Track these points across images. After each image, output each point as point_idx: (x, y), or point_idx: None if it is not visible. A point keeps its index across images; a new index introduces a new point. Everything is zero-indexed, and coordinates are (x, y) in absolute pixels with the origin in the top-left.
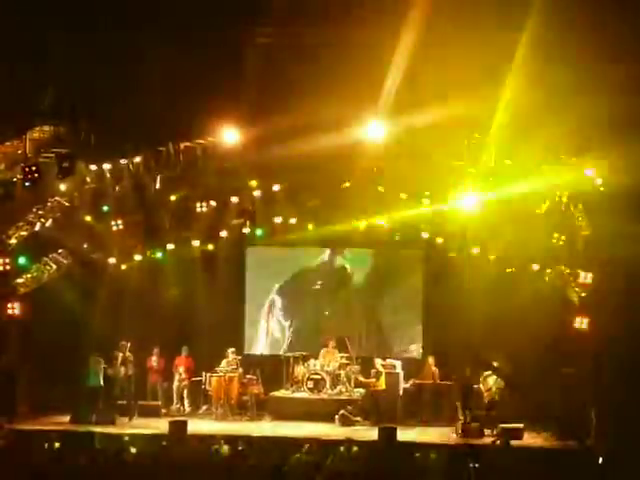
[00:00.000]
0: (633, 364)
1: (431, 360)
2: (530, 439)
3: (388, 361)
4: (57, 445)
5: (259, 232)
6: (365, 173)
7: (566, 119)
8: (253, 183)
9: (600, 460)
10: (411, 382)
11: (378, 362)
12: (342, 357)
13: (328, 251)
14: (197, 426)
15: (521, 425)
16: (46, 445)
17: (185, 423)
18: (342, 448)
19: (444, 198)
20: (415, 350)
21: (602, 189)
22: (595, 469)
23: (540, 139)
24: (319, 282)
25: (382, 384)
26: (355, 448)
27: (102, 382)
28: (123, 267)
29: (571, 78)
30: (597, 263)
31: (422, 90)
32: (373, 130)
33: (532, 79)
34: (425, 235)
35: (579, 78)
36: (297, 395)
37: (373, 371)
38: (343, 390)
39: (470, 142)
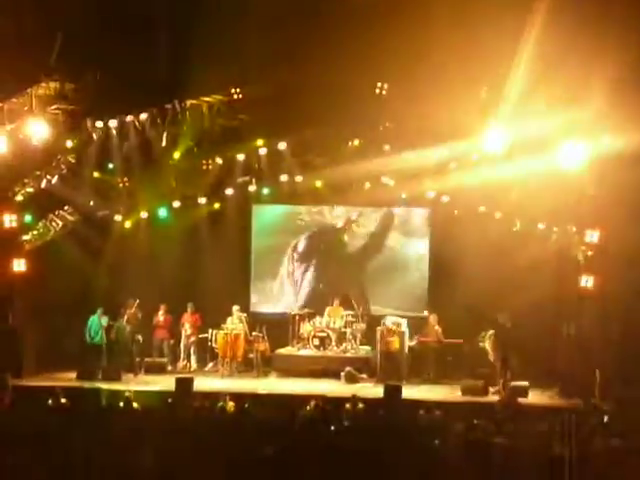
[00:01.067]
0: (638, 322)
1: (433, 319)
2: (535, 397)
3: (394, 319)
4: (63, 401)
5: (266, 190)
6: (372, 131)
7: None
8: (259, 141)
9: (605, 419)
10: (416, 340)
11: (389, 320)
12: (348, 315)
13: (334, 209)
14: (203, 383)
15: (526, 383)
16: (51, 401)
17: (191, 380)
18: (348, 405)
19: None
20: (421, 309)
21: (609, 148)
22: (600, 427)
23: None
24: (325, 240)
25: (397, 343)
26: (361, 405)
27: (108, 339)
28: (127, 225)
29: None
30: (603, 222)
31: (429, 45)
32: (379, 87)
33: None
34: (431, 194)
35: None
36: (303, 352)
37: (380, 329)
38: (349, 347)
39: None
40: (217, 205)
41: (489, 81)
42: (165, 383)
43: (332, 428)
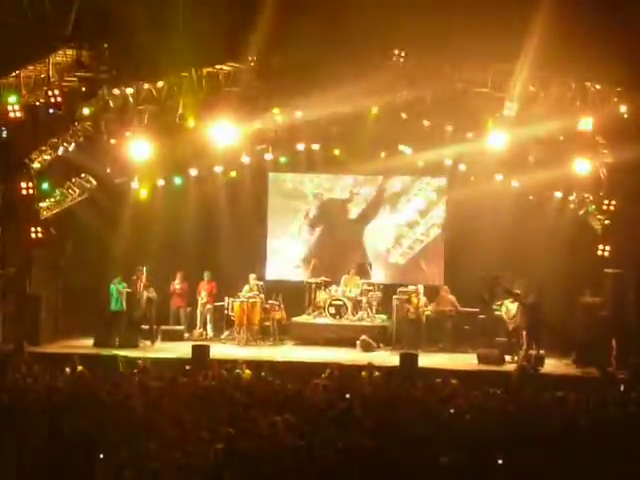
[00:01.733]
0: None
1: (446, 288)
2: (551, 366)
3: (412, 287)
4: (80, 368)
5: (283, 159)
6: (389, 101)
7: (590, 47)
8: (275, 109)
9: (622, 388)
10: (432, 307)
11: (407, 288)
12: (364, 283)
13: (352, 178)
14: (219, 350)
15: (542, 352)
16: (68, 369)
17: (208, 347)
18: (364, 373)
19: (470, 127)
20: (437, 277)
21: (626, 116)
22: (617, 396)
23: (566, 66)
24: (342, 209)
25: (413, 311)
26: (377, 373)
27: (125, 306)
28: (144, 193)
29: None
30: (620, 190)
31: (449, 18)
32: (395, 56)
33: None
34: (448, 162)
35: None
36: (319, 321)
37: (397, 297)
38: (364, 316)
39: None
40: (234, 173)
41: (505, 51)
42: (182, 351)
43: (347, 396)
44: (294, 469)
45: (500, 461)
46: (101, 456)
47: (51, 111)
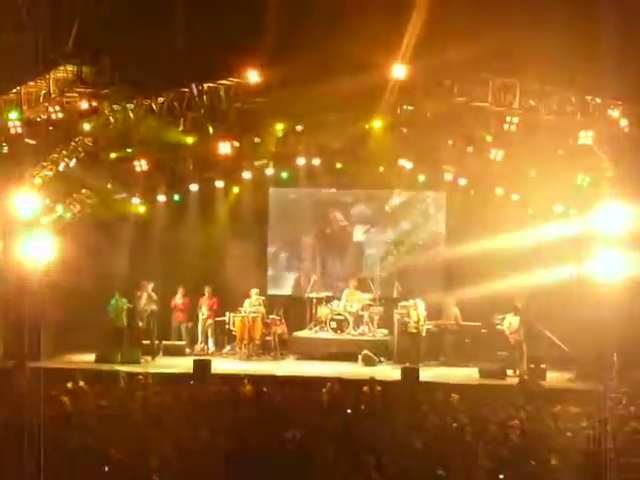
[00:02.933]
0: None
1: (452, 301)
2: (553, 380)
3: (412, 302)
4: (81, 384)
5: (284, 174)
6: (390, 114)
7: (591, 60)
8: (276, 124)
9: (623, 401)
10: (434, 323)
11: (407, 303)
12: (365, 298)
13: (352, 192)
14: (221, 365)
15: (543, 366)
16: (70, 384)
17: (209, 362)
18: (365, 388)
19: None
20: (438, 292)
21: (627, 130)
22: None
23: (565, 80)
24: (342, 223)
25: (414, 326)
26: (378, 387)
27: (126, 322)
28: (145, 208)
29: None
30: (622, 205)
31: (447, 30)
32: (397, 70)
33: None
34: (449, 177)
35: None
36: (320, 335)
37: (398, 312)
38: (366, 330)
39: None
40: (237, 189)
41: (506, 64)
42: (183, 365)
43: (349, 411)
44: None
45: (502, 476)
46: (106, 469)
47: (51, 128)
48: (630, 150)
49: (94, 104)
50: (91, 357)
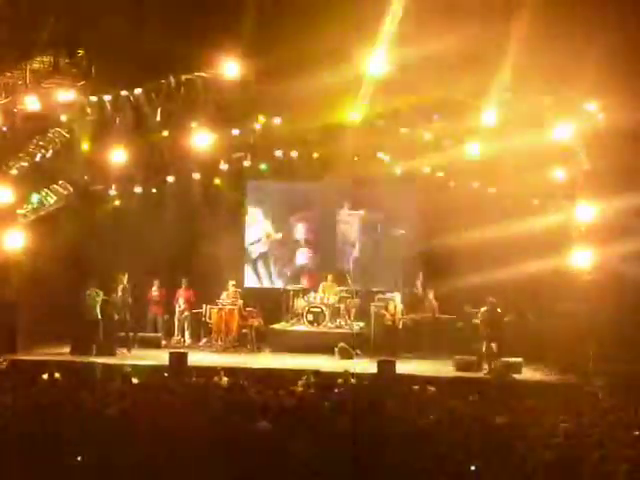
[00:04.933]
0: (632, 299)
1: (431, 294)
2: (529, 373)
3: (388, 294)
4: (57, 375)
5: (263, 166)
6: (366, 108)
7: (569, 54)
8: (254, 116)
9: (600, 395)
10: (410, 316)
11: (383, 296)
12: (342, 290)
13: (329, 184)
14: (197, 358)
15: (520, 359)
16: (45, 376)
17: (185, 355)
18: (340, 380)
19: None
20: (414, 285)
21: (603, 124)
22: (594, 403)
23: (541, 75)
24: (319, 216)
25: (390, 318)
26: (352, 380)
27: (101, 314)
28: (122, 199)
29: (574, 12)
30: (598, 197)
31: (425, 24)
32: (375, 64)
33: (535, 13)
34: (426, 169)
35: (582, 13)
36: (297, 328)
37: (374, 304)
38: (342, 323)
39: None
40: (218, 181)
41: (484, 59)
42: (159, 358)
43: (325, 404)
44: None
45: (473, 467)
46: (78, 459)
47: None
48: (606, 144)
49: (71, 95)
50: (66, 349)
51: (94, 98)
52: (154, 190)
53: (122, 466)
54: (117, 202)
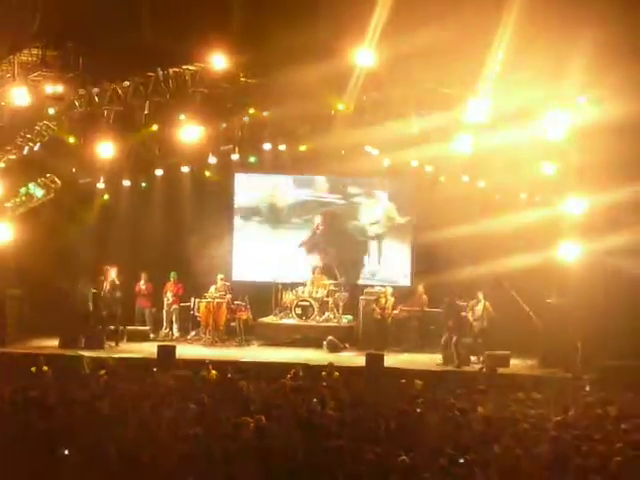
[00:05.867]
0: (620, 293)
1: (421, 288)
2: (516, 367)
3: (379, 288)
4: (45, 368)
5: (248, 159)
6: (355, 101)
7: (559, 47)
8: (242, 109)
9: (587, 388)
10: (399, 309)
11: (374, 289)
12: (330, 284)
13: (318, 178)
14: (185, 351)
15: (507, 352)
16: (34, 369)
17: (174, 348)
18: (324, 373)
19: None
20: (404, 278)
21: (593, 117)
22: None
23: (531, 68)
24: (308, 209)
25: (379, 312)
26: (336, 373)
27: (90, 307)
28: (111, 193)
29: (565, 5)
30: (586, 191)
31: (414, 16)
32: (364, 57)
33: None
34: (415, 163)
35: (573, 6)
36: (285, 321)
37: (363, 298)
38: (331, 317)
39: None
40: (208, 173)
41: (473, 52)
42: (147, 351)
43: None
44: (259, 469)
45: (462, 460)
46: (66, 452)
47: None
48: (596, 138)
49: (59, 88)
50: (55, 342)
51: (82, 91)
52: (143, 184)
53: (110, 458)
54: (106, 196)
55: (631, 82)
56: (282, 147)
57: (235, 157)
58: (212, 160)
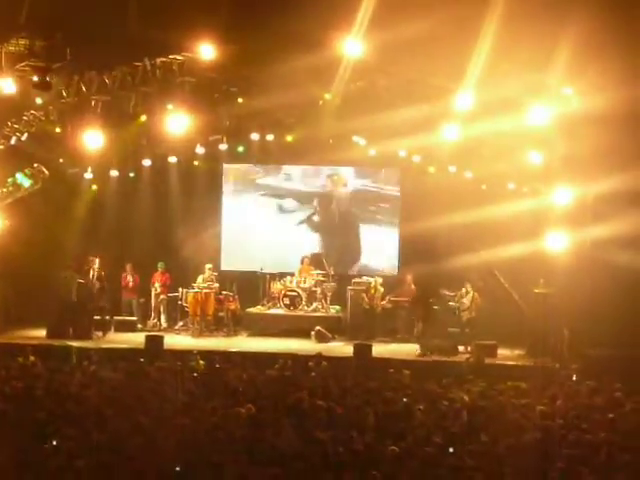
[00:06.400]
0: (608, 282)
1: (410, 278)
2: (503, 356)
3: (367, 278)
4: (32, 359)
5: (241, 149)
6: (343, 91)
7: (544, 38)
8: (229, 99)
9: (574, 377)
10: (387, 299)
11: (362, 279)
12: (318, 274)
13: (307, 168)
14: (173, 341)
15: (495, 342)
16: (21, 359)
17: (161, 338)
18: (311, 363)
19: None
20: (391, 268)
21: (579, 107)
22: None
23: (517, 58)
24: (296, 199)
25: (367, 302)
26: (324, 363)
27: (77, 297)
28: (98, 183)
29: None
30: (573, 181)
31: (401, 7)
32: (351, 47)
33: None
34: (403, 153)
35: None
36: (273, 312)
37: (351, 288)
38: (319, 307)
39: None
40: (196, 163)
41: (460, 42)
42: (135, 341)
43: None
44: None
45: (451, 449)
46: (54, 443)
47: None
48: (582, 128)
49: (46, 78)
50: (42, 332)
51: (70, 81)
52: (131, 174)
53: (98, 448)
54: (94, 187)
55: (615, 73)
56: (270, 137)
57: (223, 147)
58: (200, 150)
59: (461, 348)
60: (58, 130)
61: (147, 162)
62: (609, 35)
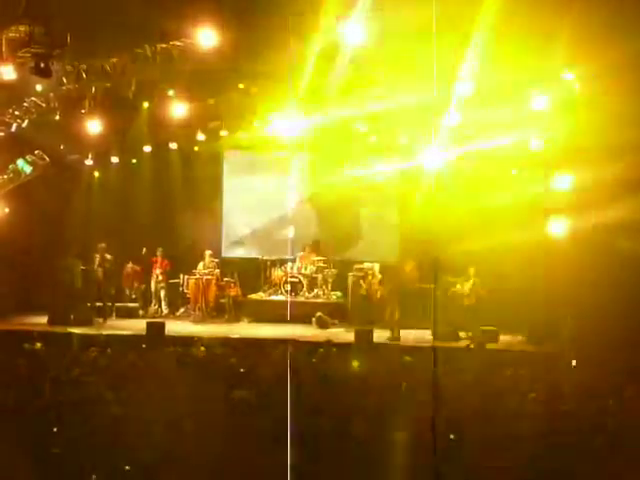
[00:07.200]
0: (609, 269)
1: (411, 264)
2: (505, 342)
3: (367, 264)
4: (38, 345)
5: (237, 136)
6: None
7: (545, 23)
8: (231, 85)
9: (574, 363)
10: (386, 285)
11: (362, 265)
12: (319, 260)
13: (307, 155)
14: (175, 328)
15: (496, 328)
16: (26, 345)
17: (163, 324)
18: (321, 349)
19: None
20: (393, 256)
21: (580, 92)
22: (569, 372)
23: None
24: (298, 186)
25: (367, 288)
26: (334, 349)
27: (80, 283)
28: (99, 169)
29: None
30: (572, 167)
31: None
32: (351, 34)
33: None
34: (404, 140)
35: None
36: (274, 298)
37: (352, 274)
38: (320, 293)
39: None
40: (196, 148)
41: (459, 27)
42: (136, 328)
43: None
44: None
45: (452, 436)
46: (54, 430)
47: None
48: (583, 115)
49: (47, 64)
50: (44, 319)
51: (70, 67)
52: (134, 160)
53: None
54: (96, 173)
55: (617, 57)
56: (270, 123)
57: (224, 133)
58: (201, 137)
59: (462, 334)
60: (58, 117)
61: (148, 148)
62: (610, 19)
